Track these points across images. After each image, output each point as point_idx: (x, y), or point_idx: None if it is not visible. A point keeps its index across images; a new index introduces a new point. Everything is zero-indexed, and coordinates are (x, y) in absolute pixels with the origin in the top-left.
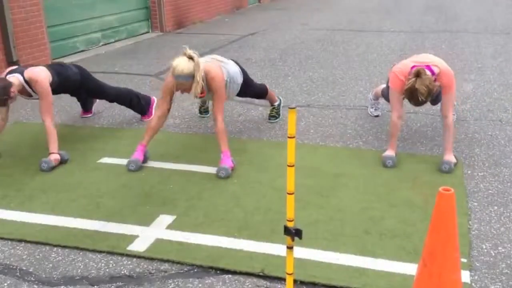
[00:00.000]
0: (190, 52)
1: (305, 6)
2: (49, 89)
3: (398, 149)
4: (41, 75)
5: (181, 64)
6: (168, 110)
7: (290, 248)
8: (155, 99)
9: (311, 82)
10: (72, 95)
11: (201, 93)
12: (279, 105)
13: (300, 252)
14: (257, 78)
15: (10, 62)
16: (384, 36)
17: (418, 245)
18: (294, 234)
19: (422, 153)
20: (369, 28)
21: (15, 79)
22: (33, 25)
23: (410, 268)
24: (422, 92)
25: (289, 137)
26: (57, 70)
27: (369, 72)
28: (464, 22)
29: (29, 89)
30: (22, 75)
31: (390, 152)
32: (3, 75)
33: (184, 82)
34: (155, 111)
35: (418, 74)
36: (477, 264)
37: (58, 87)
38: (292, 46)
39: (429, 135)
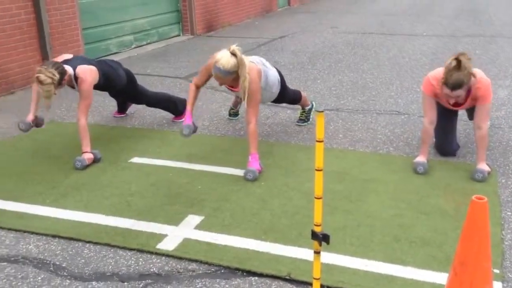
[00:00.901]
0: (234, 48)
1: (335, 9)
2: (92, 91)
3: (430, 156)
4: (89, 77)
5: (223, 58)
6: (203, 84)
7: (317, 253)
8: None
9: (340, 86)
10: (112, 95)
11: (233, 86)
12: (310, 109)
13: (327, 257)
14: (286, 81)
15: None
16: (416, 40)
17: (449, 254)
18: (321, 239)
19: (454, 160)
20: (400, 32)
21: (69, 70)
22: (69, 27)
23: (440, 277)
24: (465, 64)
25: (317, 141)
26: (105, 70)
27: (400, 77)
28: (499, 26)
29: (74, 84)
30: (75, 69)
31: (421, 159)
32: (59, 60)
33: (222, 76)
34: (192, 80)
35: (458, 56)
36: (510, 276)
37: (101, 87)
38: (321, 49)
39: (462, 141)
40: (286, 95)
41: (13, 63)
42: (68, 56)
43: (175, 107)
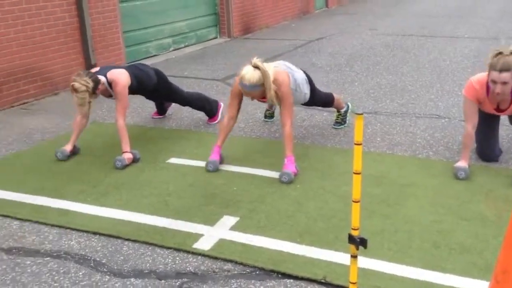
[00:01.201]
0: (256, 61)
1: (374, 11)
2: (127, 92)
3: (471, 161)
4: (122, 79)
5: (248, 74)
6: (237, 112)
7: (354, 257)
8: (222, 104)
9: (378, 89)
10: (147, 98)
11: (264, 97)
12: (346, 111)
13: (364, 261)
14: (323, 83)
15: (89, 65)
16: (458, 42)
17: (490, 262)
18: (359, 243)
19: (496, 166)
20: (441, 34)
21: (101, 79)
22: (110, 30)
23: (480, 285)
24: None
25: (355, 144)
26: (135, 73)
27: (441, 80)
28: None
29: (110, 90)
30: (106, 76)
31: (462, 163)
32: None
33: (250, 91)
34: (226, 114)
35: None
36: None
37: (135, 90)
38: (359, 51)
39: (505, 147)
40: (317, 98)
41: (57, 65)
42: (95, 69)
43: (210, 107)
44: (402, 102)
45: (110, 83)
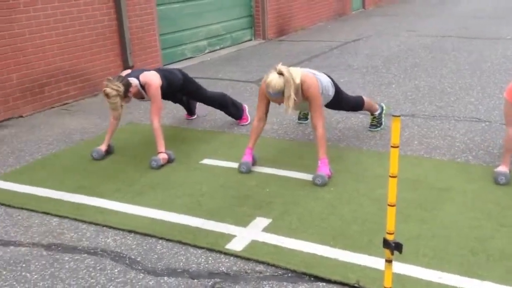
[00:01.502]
0: (280, 68)
1: (414, 12)
2: (159, 94)
3: None
4: (155, 81)
5: (273, 80)
6: (266, 113)
7: (389, 261)
8: (246, 106)
9: (416, 91)
10: (174, 101)
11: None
12: (380, 114)
13: (399, 266)
14: (359, 85)
15: (127, 67)
16: (500, 44)
17: None
18: (393, 247)
19: None
20: (482, 36)
21: (133, 81)
22: (148, 33)
23: None
24: None
25: (392, 147)
26: (165, 74)
27: (481, 82)
28: None
29: (143, 92)
30: (138, 79)
31: (503, 168)
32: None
33: (276, 98)
34: (255, 116)
35: None
36: None
37: (164, 91)
38: (397, 53)
39: None
40: (344, 101)
41: (96, 67)
42: (127, 71)
43: (234, 108)
44: (441, 105)
45: (143, 86)
